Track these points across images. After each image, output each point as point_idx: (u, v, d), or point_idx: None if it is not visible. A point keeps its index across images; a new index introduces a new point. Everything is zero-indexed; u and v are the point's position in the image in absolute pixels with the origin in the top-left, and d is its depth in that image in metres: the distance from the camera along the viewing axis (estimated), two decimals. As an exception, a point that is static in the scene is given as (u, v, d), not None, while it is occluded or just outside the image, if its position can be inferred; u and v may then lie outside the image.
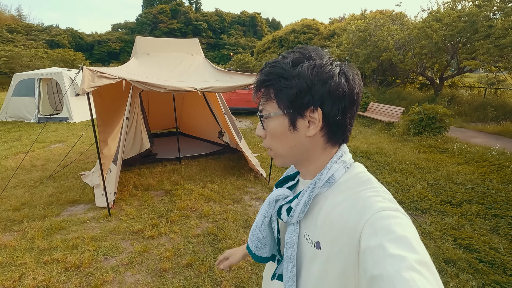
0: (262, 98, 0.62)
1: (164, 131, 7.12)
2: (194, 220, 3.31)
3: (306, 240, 0.62)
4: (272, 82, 0.59)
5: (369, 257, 0.45)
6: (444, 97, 11.37)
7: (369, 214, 0.50)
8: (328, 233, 0.56)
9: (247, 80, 3.93)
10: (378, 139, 7.01)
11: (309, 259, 0.61)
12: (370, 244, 0.46)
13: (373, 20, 14.69)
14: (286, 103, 0.58)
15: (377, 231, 0.47)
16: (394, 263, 0.41)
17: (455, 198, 3.75)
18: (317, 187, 0.61)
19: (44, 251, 2.70)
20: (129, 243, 2.87)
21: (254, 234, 0.71)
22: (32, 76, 9.60)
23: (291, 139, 0.61)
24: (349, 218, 0.53)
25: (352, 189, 0.57)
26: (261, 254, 0.72)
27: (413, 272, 0.40)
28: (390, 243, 0.44)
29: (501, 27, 8.04)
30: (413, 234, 0.46)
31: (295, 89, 0.57)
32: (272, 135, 0.63)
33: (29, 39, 42.47)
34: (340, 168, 0.62)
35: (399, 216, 0.49)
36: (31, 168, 5.02)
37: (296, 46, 0.62)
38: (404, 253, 0.42)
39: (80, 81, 2.70)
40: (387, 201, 0.52)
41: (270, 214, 0.69)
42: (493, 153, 5.46)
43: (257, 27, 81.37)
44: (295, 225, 0.64)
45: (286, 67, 0.57)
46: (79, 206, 3.66)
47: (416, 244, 0.44)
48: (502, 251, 2.65)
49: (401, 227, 0.46)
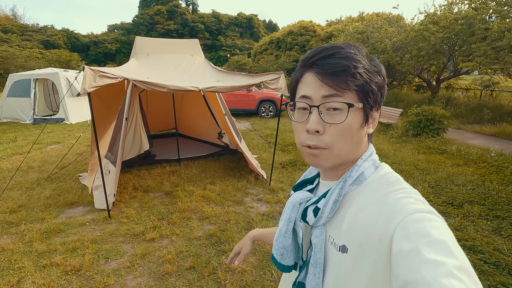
0: (338, 86, 0.54)
1: (163, 132, 7.07)
2: (195, 222, 3.27)
3: (331, 244, 0.59)
4: (359, 71, 0.54)
5: (401, 262, 0.42)
6: (441, 99, 11.48)
7: (401, 216, 0.47)
8: (355, 237, 0.53)
9: (248, 80, 3.91)
10: (377, 140, 7.03)
11: (334, 264, 0.57)
12: (403, 248, 0.43)
13: (371, 22, 14.79)
14: (367, 97, 0.56)
15: (411, 234, 0.44)
16: (431, 269, 0.38)
17: (456, 199, 3.75)
18: (347, 185, 0.58)
19: (43, 254, 2.64)
20: (130, 246, 2.82)
21: (279, 242, 0.67)
22: (28, 77, 9.48)
23: (358, 136, 0.58)
24: (378, 221, 0.50)
25: (381, 190, 0.55)
26: (286, 263, 0.67)
27: (453, 279, 0.37)
28: (426, 247, 0.41)
29: (497, 30, 8.14)
30: (451, 238, 0.43)
31: (375, 85, 0.56)
32: (341, 130, 0.55)
33: (24, 40, 42.04)
34: (370, 167, 0.60)
35: (434, 218, 0.45)
36: (28, 169, 4.93)
37: (329, 43, 0.59)
38: (441, 258, 0.39)
39: (82, 81, 2.65)
40: (420, 202, 0.49)
41: (295, 218, 0.65)
42: (492, 154, 5.50)
43: (254, 29, 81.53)
44: (322, 228, 0.61)
45: (365, 60, 0.56)
46: (78, 208, 3.59)
47: (455, 248, 0.41)
48: (506, 252, 2.65)
49: (437, 230, 0.43)
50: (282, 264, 0.67)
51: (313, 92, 0.56)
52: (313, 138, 0.56)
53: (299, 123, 0.59)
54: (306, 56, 0.59)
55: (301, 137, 0.59)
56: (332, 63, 0.54)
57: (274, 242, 0.68)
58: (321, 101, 0.55)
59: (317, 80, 0.55)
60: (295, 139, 0.62)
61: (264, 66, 25.62)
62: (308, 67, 0.58)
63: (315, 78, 0.56)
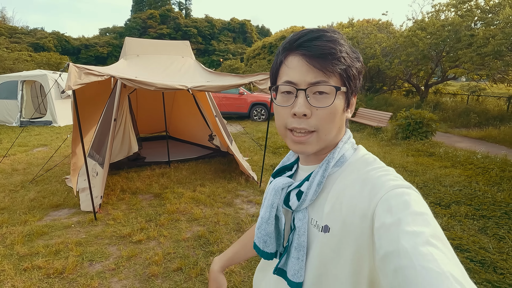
0: (325, 68, 0.54)
1: (153, 134, 6.99)
2: (184, 224, 3.22)
3: (314, 226, 0.59)
4: (343, 55, 0.54)
5: (384, 234, 0.44)
6: (429, 103, 11.70)
7: (383, 192, 0.49)
8: (338, 216, 0.54)
9: (238, 80, 3.91)
10: (368, 143, 7.10)
11: (317, 244, 0.58)
12: (385, 221, 0.45)
13: (361, 28, 15.07)
14: (349, 81, 0.57)
15: (392, 208, 0.46)
16: (410, 238, 0.41)
17: (444, 200, 3.80)
18: (330, 166, 0.59)
19: (24, 257, 2.56)
20: (116, 248, 2.76)
21: (262, 229, 0.66)
22: (15, 78, 9.30)
23: (341, 120, 0.60)
24: (360, 198, 0.52)
25: (361, 170, 0.57)
26: (269, 250, 0.66)
27: (430, 246, 0.39)
28: (406, 219, 0.43)
29: (483, 36, 8.38)
30: (428, 210, 0.46)
31: (355, 70, 0.57)
32: (328, 114, 0.55)
33: (13, 42, 41.25)
34: (349, 149, 0.62)
35: (412, 193, 0.48)
36: (12, 172, 4.80)
37: (315, 27, 0.59)
38: (420, 229, 0.42)
39: (66, 79, 2.61)
40: (399, 179, 0.51)
41: (277, 204, 0.65)
42: (478, 156, 5.61)
43: (247, 34, 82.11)
44: (304, 211, 0.61)
45: (347, 45, 0.57)
46: (63, 211, 3.50)
47: (431, 219, 0.44)
48: (491, 250, 2.69)
49: (416, 203, 0.46)
50: (265, 252, 0.66)
51: (299, 75, 0.55)
52: (301, 122, 0.56)
53: (284, 107, 0.58)
54: (290, 38, 0.57)
55: (285, 120, 0.58)
56: (319, 46, 0.54)
57: (256, 230, 0.67)
58: (308, 85, 0.55)
59: (304, 63, 0.55)
60: (277, 123, 0.61)
61: (257, 71, 25.74)
62: (294, 50, 0.56)
63: (302, 60, 0.55)
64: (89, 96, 3.80)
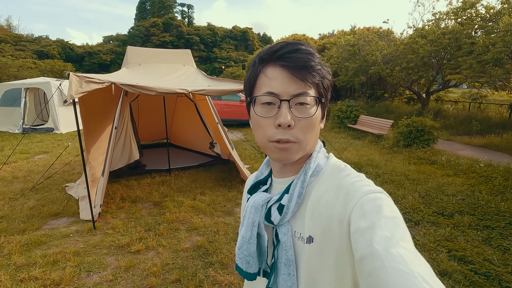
0: (305, 79, 0.55)
1: (154, 142, 7.00)
2: (183, 233, 3.18)
3: (298, 239, 0.59)
4: (319, 68, 0.56)
5: (359, 238, 0.46)
6: (431, 110, 11.67)
7: (357, 198, 0.51)
8: (317, 225, 0.55)
9: (239, 86, 3.92)
10: (369, 151, 7.07)
11: (304, 257, 0.57)
12: (360, 225, 0.47)
13: (362, 35, 15.16)
14: (324, 92, 0.59)
15: (366, 213, 0.48)
16: (382, 241, 0.43)
17: (446, 209, 3.75)
18: (308, 176, 0.60)
19: (21, 268, 2.53)
20: (114, 258, 2.73)
21: (243, 250, 0.63)
22: (18, 86, 9.38)
23: (318, 130, 0.61)
24: (335, 205, 0.53)
25: (334, 177, 0.59)
26: (252, 271, 0.64)
27: (400, 248, 0.42)
28: (379, 223, 0.46)
29: (483, 44, 8.40)
30: (398, 214, 0.49)
31: (328, 82, 0.59)
32: (309, 124, 0.57)
33: (18, 50, 41.82)
34: (323, 158, 0.64)
35: (384, 197, 0.51)
36: (13, 179, 4.80)
37: (292, 40, 0.59)
38: (391, 232, 0.44)
39: (67, 88, 2.62)
40: (371, 184, 0.54)
41: (258, 221, 0.63)
42: (481, 165, 5.56)
43: (249, 42, 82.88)
44: (287, 224, 0.60)
45: (319, 58, 0.58)
46: (62, 219, 3.48)
47: (401, 222, 0.47)
48: (496, 262, 2.63)
49: (388, 207, 0.48)
50: (248, 273, 0.64)
51: (282, 86, 0.55)
52: (285, 132, 0.55)
53: (266, 118, 0.57)
54: (268, 50, 0.57)
55: (268, 133, 0.57)
56: (300, 58, 0.55)
57: (237, 251, 0.65)
58: (291, 96, 0.55)
59: (286, 74, 0.55)
60: (259, 136, 0.59)
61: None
62: (273, 61, 0.56)
63: (283, 71, 0.55)
64: (94, 106, 3.81)
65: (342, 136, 9.15)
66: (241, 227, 0.66)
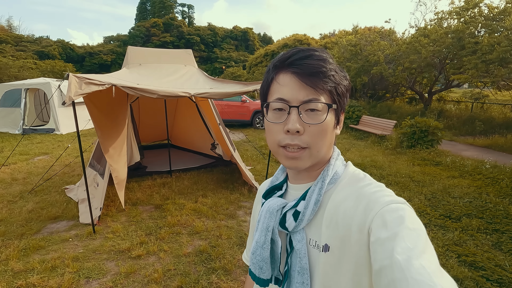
0: (316, 86, 0.55)
1: (155, 143, 6.93)
2: (185, 237, 3.11)
3: (313, 247, 0.58)
4: (332, 73, 0.56)
5: (379, 249, 0.45)
6: (433, 111, 11.58)
7: (378, 208, 0.50)
8: (335, 234, 0.54)
9: (242, 88, 3.85)
10: (372, 152, 6.98)
11: (319, 266, 0.57)
12: (380, 236, 0.46)
13: (363, 35, 15.06)
14: (337, 99, 0.58)
15: (387, 223, 0.47)
16: (404, 252, 0.42)
17: (454, 212, 3.67)
18: (325, 183, 0.59)
19: (18, 274, 2.46)
20: (114, 264, 2.65)
21: (257, 255, 0.63)
22: (18, 87, 9.33)
23: (332, 136, 0.60)
24: (356, 213, 0.52)
25: (353, 186, 0.58)
26: (265, 277, 0.64)
27: (422, 260, 0.41)
28: (401, 234, 0.44)
29: (487, 43, 8.30)
30: (421, 226, 0.47)
31: (343, 88, 0.58)
32: (320, 130, 0.56)
33: (19, 50, 41.80)
34: (340, 165, 0.63)
35: (406, 208, 0.49)
36: (12, 181, 4.74)
37: (304, 46, 0.60)
38: (413, 243, 0.43)
39: (66, 89, 2.54)
40: (392, 195, 0.53)
41: (272, 227, 0.62)
42: (487, 166, 5.48)
43: (249, 42, 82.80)
44: (302, 232, 0.60)
45: (335, 64, 0.58)
46: (61, 223, 3.41)
47: (423, 234, 0.46)
48: (508, 268, 2.55)
49: (410, 218, 0.47)
50: (261, 279, 0.64)
51: (292, 93, 0.56)
52: (294, 138, 0.56)
53: (276, 124, 0.58)
54: (281, 57, 0.58)
55: (278, 137, 0.58)
56: (310, 64, 0.55)
57: (251, 256, 0.65)
58: (300, 103, 0.55)
59: (296, 81, 0.55)
60: (269, 140, 0.61)
61: (259, 78, 25.80)
62: (285, 68, 0.57)
63: (293, 78, 0.56)
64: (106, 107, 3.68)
65: (344, 137, 9.07)
66: (256, 231, 0.66)
